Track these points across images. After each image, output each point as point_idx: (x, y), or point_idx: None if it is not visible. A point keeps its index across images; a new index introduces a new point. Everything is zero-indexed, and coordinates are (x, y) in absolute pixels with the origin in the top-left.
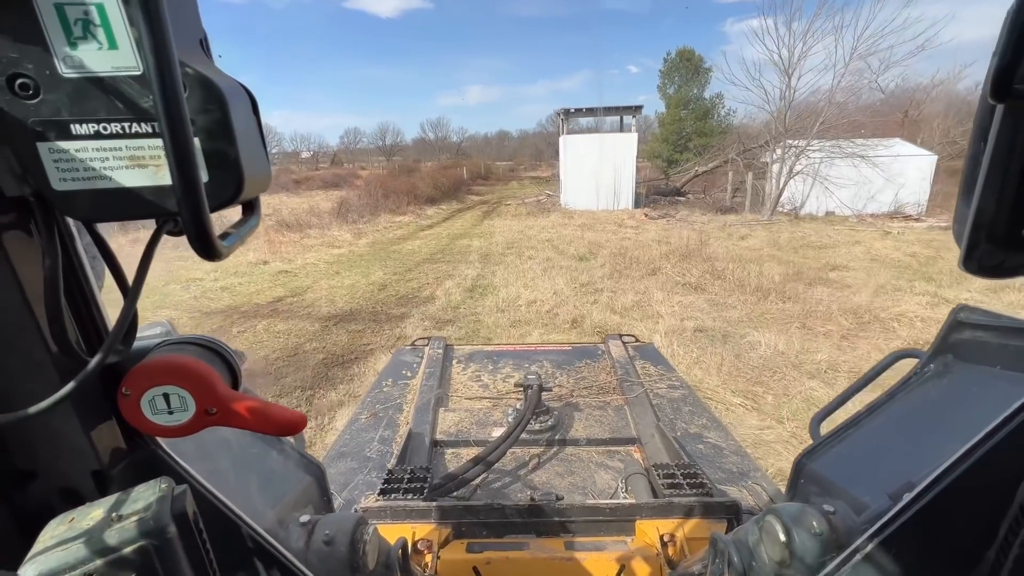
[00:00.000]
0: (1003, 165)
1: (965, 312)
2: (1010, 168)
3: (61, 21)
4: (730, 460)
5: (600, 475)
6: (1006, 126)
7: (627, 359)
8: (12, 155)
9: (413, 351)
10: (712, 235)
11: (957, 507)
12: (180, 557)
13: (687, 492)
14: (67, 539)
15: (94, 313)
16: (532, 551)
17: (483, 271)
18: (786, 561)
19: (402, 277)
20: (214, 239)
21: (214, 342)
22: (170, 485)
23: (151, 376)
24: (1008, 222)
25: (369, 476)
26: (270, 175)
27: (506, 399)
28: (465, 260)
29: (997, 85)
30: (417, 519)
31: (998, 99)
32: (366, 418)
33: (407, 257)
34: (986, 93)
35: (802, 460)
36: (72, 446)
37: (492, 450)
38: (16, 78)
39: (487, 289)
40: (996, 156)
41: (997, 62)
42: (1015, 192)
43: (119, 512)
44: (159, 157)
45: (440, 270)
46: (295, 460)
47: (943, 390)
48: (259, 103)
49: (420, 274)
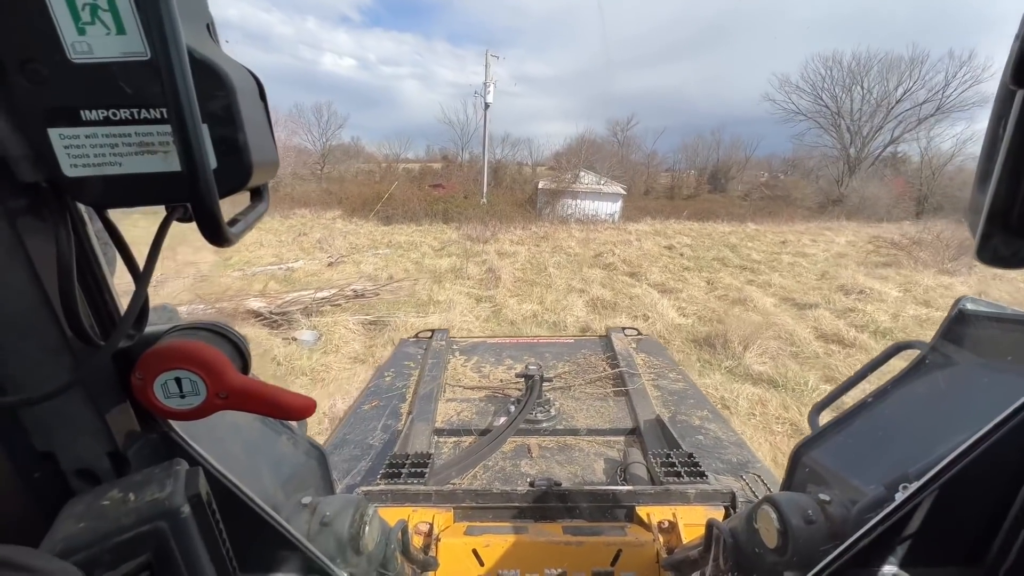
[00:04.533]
0: (1021, 152)
1: (968, 303)
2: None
3: (69, 7)
4: (730, 451)
5: (599, 463)
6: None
7: (628, 351)
8: (25, 141)
9: (417, 343)
10: None
11: (960, 499)
12: (194, 535)
13: (684, 480)
14: (85, 518)
15: (107, 298)
16: (531, 535)
17: None
18: (781, 548)
19: None
20: (223, 225)
21: (224, 328)
22: (184, 467)
23: (163, 361)
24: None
25: (372, 463)
26: (277, 162)
27: (507, 389)
28: None
29: (1018, 70)
30: (418, 503)
31: (1019, 84)
32: (369, 407)
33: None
34: (1006, 78)
35: (800, 450)
36: (88, 428)
37: (493, 438)
38: (26, 63)
39: None
40: (1015, 143)
41: (1019, 47)
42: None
43: (135, 492)
44: (168, 143)
45: None
46: (298, 444)
47: (944, 382)
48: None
49: None
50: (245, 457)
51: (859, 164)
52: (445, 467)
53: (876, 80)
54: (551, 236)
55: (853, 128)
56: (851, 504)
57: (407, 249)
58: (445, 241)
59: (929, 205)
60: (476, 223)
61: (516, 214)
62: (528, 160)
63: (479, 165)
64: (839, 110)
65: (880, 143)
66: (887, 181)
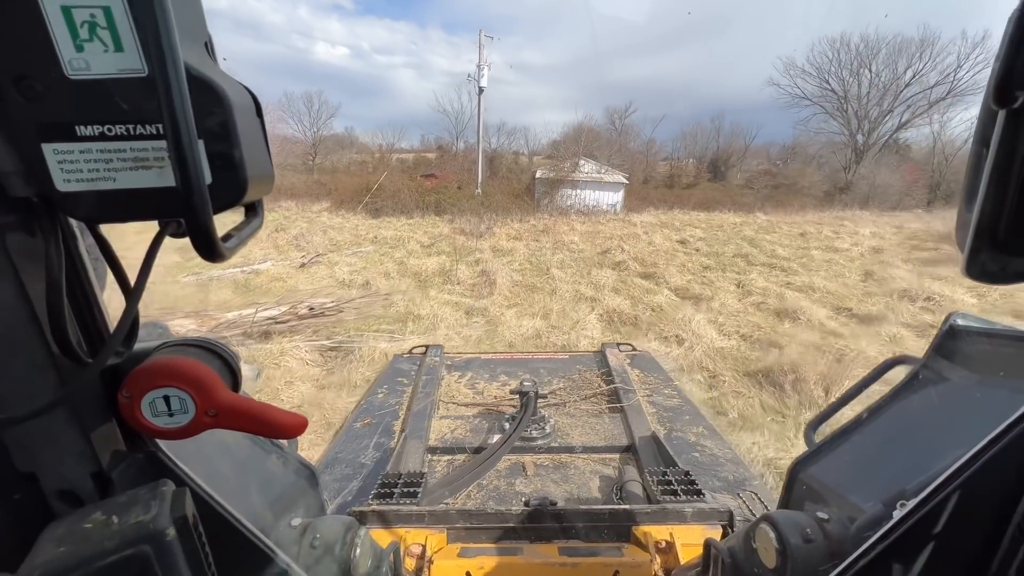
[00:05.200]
0: (1005, 170)
1: (959, 319)
2: (1012, 173)
3: (67, 23)
4: (726, 468)
5: (595, 481)
6: (1008, 131)
7: (623, 367)
8: (17, 156)
9: (410, 359)
10: None
11: (958, 516)
12: (179, 559)
13: (681, 499)
14: (66, 542)
15: (96, 315)
16: (526, 556)
17: None
18: (780, 568)
19: None
20: (217, 241)
21: (214, 344)
22: (170, 488)
23: (152, 378)
24: (1011, 228)
25: (363, 482)
26: (273, 178)
27: (501, 406)
28: None
29: (999, 90)
30: (410, 524)
31: (1000, 104)
32: (361, 425)
33: None
34: (988, 98)
35: (796, 467)
36: (72, 448)
37: (487, 457)
38: (21, 79)
39: None
40: (998, 161)
41: (1000, 67)
42: (1018, 197)
43: (119, 515)
44: (163, 159)
45: None
46: (288, 463)
47: (937, 397)
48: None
49: None
50: (234, 477)
51: (866, 151)
52: (439, 486)
53: (885, 63)
54: (551, 229)
55: (860, 113)
56: (849, 522)
57: (393, 246)
58: (436, 236)
59: (942, 192)
60: (470, 216)
61: (513, 205)
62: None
63: (474, 155)
64: (846, 94)
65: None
66: (899, 168)
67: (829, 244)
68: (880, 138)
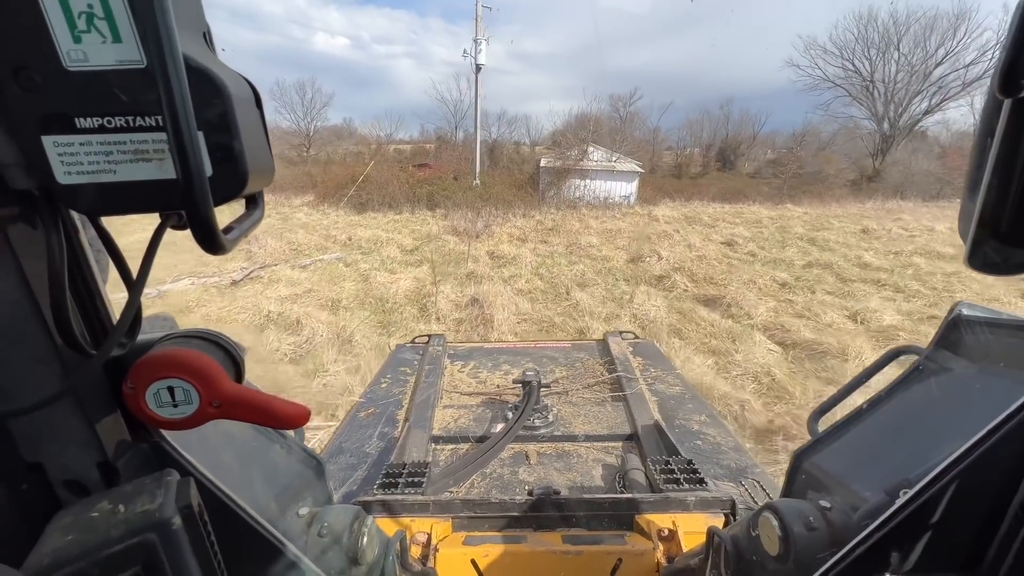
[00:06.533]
0: (1010, 161)
1: (964, 309)
2: (1017, 164)
3: (65, 14)
4: (729, 456)
5: (598, 470)
6: (1013, 122)
7: (625, 355)
8: (17, 148)
9: (413, 348)
10: None
11: (957, 504)
12: (185, 548)
13: (684, 487)
14: (73, 530)
15: (99, 307)
16: (530, 544)
17: None
18: (783, 556)
19: None
20: (218, 233)
21: (217, 336)
22: (175, 478)
23: (156, 369)
24: (1014, 219)
25: (368, 471)
26: (273, 169)
27: (504, 395)
28: None
29: (1005, 80)
30: (415, 513)
31: (1006, 94)
32: (365, 415)
33: None
34: (993, 88)
35: (800, 456)
36: (78, 438)
37: (491, 446)
38: (20, 71)
39: None
40: (1003, 152)
41: (1005, 57)
42: (1021, 188)
43: (125, 504)
44: (163, 151)
45: None
46: (295, 454)
47: (942, 387)
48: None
49: None
50: (238, 467)
51: (894, 136)
52: (443, 475)
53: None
54: (561, 227)
55: (888, 96)
56: (852, 510)
57: (366, 251)
58: (422, 237)
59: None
60: (466, 210)
61: (515, 198)
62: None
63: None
64: (872, 76)
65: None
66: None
67: (924, 247)
68: (909, 121)
